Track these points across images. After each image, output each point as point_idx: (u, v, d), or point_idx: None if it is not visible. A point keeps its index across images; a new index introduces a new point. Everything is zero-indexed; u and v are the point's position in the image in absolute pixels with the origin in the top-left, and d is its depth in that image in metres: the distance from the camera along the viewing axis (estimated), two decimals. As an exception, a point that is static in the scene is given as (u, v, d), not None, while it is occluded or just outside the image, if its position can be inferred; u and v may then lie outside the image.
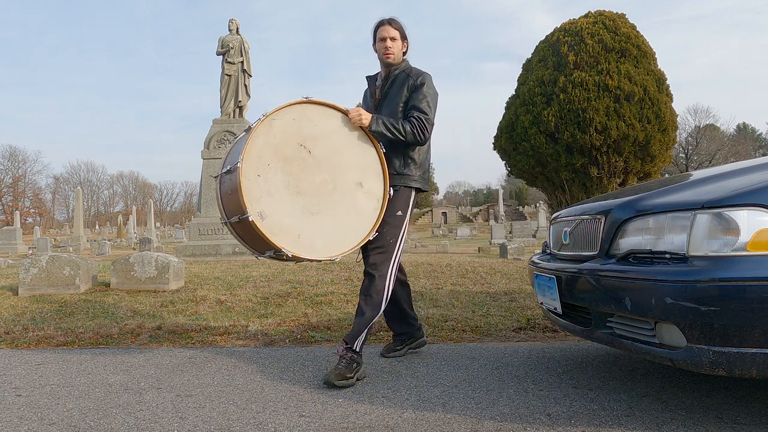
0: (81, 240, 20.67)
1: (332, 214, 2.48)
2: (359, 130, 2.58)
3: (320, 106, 2.53)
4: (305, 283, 5.60)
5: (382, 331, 3.53)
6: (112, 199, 72.19)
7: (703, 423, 1.84)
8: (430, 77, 2.70)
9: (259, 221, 2.32)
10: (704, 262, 1.62)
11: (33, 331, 3.74)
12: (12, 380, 2.61)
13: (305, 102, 2.48)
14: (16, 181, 60.07)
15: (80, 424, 2.00)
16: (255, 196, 2.33)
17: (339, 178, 2.51)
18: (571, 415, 1.97)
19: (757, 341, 1.54)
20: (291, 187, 2.42)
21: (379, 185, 2.60)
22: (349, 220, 2.51)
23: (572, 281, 2.09)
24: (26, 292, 5.29)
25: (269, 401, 2.21)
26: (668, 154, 10.02)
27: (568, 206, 3.13)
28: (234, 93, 10.89)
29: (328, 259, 2.47)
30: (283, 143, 2.42)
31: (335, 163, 2.52)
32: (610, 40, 9.69)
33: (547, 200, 11.17)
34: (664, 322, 1.69)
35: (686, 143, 40.92)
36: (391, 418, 1.99)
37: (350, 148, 2.56)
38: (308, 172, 2.45)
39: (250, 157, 2.35)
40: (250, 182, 2.33)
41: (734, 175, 1.88)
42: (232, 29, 11.11)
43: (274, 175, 2.39)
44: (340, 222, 2.49)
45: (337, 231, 2.49)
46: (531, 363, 2.74)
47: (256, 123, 2.41)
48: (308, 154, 2.46)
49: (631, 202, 1.97)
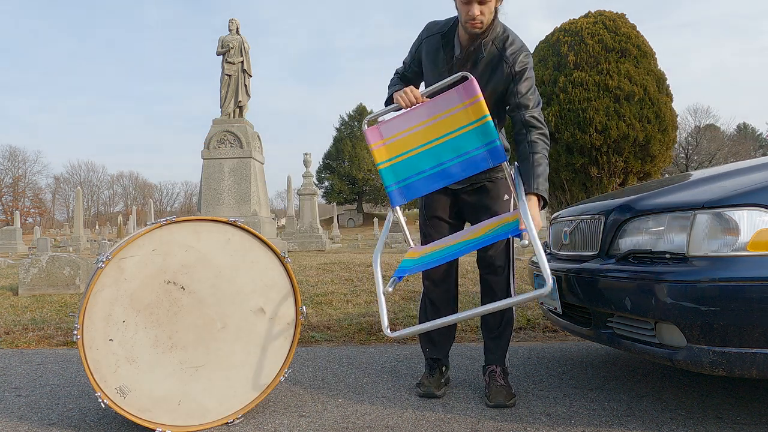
0: (81, 240, 20.65)
1: (225, 361, 1.97)
2: (252, 239, 2.05)
3: (192, 222, 1.98)
4: (305, 283, 5.60)
5: (382, 332, 3.53)
6: (112, 199, 72.19)
7: (703, 423, 1.84)
8: (529, 55, 2.09)
9: (120, 400, 1.83)
10: (704, 262, 1.62)
11: (33, 331, 3.74)
12: (12, 380, 2.61)
13: (169, 223, 1.94)
14: (16, 181, 60.07)
15: (80, 424, 2.00)
16: (109, 369, 1.83)
17: (230, 311, 1.99)
18: (571, 415, 1.97)
19: (757, 341, 1.54)
20: (161, 342, 1.89)
21: (288, 304, 2.09)
22: (249, 361, 2.02)
23: (572, 281, 2.09)
24: (26, 292, 5.29)
25: (269, 401, 2.21)
26: (668, 154, 10.02)
27: (568, 206, 3.14)
28: (234, 93, 10.89)
29: (225, 422, 1.96)
30: (143, 286, 1.89)
31: (223, 292, 1.99)
32: (610, 40, 9.70)
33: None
34: (664, 322, 1.69)
35: (686, 143, 40.91)
36: (391, 418, 1.99)
37: (242, 267, 2.02)
38: (184, 315, 1.93)
39: (92, 320, 1.82)
40: (97, 353, 1.82)
41: (734, 175, 1.88)
42: (232, 29, 11.11)
43: (133, 334, 1.86)
44: (236, 368, 1.99)
45: (235, 380, 1.99)
46: (531, 363, 2.74)
47: (96, 271, 1.85)
48: (181, 291, 1.93)
49: (631, 202, 1.97)
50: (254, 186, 10.36)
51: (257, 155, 10.69)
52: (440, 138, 2.09)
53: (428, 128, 2.11)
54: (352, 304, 4.48)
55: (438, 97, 2.10)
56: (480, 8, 1.96)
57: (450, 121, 2.08)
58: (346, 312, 4.19)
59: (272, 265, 2.09)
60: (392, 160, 2.16)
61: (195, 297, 1.96)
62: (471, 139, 2.05)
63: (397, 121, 2.16)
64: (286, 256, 2.11)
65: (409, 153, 2.13)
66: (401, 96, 2.11)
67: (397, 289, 5.07)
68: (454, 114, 2.06)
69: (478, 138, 2.04)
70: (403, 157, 2.14)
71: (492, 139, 2.02)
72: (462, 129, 2.06)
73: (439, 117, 2.09)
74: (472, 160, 2.05)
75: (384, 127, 2.18)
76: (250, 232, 2.06)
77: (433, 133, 2.10)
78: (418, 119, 2.12)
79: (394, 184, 2.16)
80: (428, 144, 2.11)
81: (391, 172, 2.16)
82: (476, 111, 2.03)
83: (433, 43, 2.18)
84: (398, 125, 2.15)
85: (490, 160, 2.04)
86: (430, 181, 2.11)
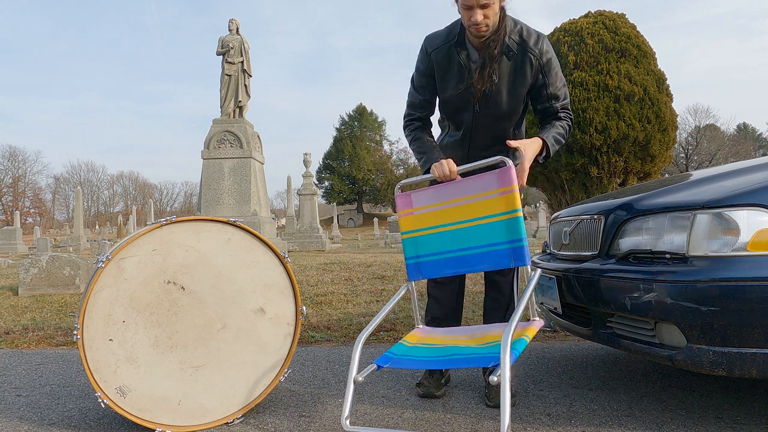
0: (81, 240, 20.66)
1: (225, 361, 1.98)
2: (253, 239, 2.05)
3: (192, 223, 1.99)
4: (305, 283, 5.60)
5: (381, 332, 3.53)
6: (112, 199, 72.17)
7: (703, 423, 1.84)
8: (549, 44, 2.06)
9: (120, 400, 1.84)
10: (704, 262, 1.62)
11: (33, 331, 3.74)
12: (12, 380, 2.61)
13: (169, 223, 1.95)
14: (16, 181, 60.08)
15: (80, 424, 2.00)
16: (109, 369, 1.83)
17: (230, 311, 2.00)
18: (571, 415, 1.97)
19: (757, 341, 1.54)
20: (161, 342, 1.90)
21: (288, 304, 2.09)
22: (249, 361, 2.02)
23: (572, 281, 2.09)
24: (26, 292, 5.29)
25: (269, 401, 2.21)
26: (668, 154, 10.02)
27: (568, 206, 3.13)
28: (234, 93, 10.90)
29: (225, 422, 1.96)
30: (143, 286, 1.89)
31: (223, 292, 1.99)
32: (610, 40, 9.70)
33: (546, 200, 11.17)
34: (664, 322, 1.69)
35: (686, 143, 40.91)
36: (391, 418, 1.99)
37: (242, 267, 2.03)
38: (184, 315, 1.93)
39: (92, 320, 1.82)
40: (97, 353, 1.82)
41: (734, 175, 1.88)
42: (232, 29, 11.11)
43: (133, 334, 1.87)
44: (236, 368, 2.00)
45: (235, 380, 1.99)
46: (531, 363, 2.74)
47: (96, 271, 1.85)
48: (181, 291, 1.94)
49: (631, 202, 1.97)
50: (254, 186, 10.36)
51: (257, 155, 10.69)
52: (468, 221, 2.02)
53: (458, 208, 2.04)
54: (352, 304, 4.48)
55: (474, 177, 2.03)
56: (482, 12, 1.91)
57: (481, 206, 2.00)
58: (346, 312, 4.19)
59: (272, 265, 2.09)
60: (417, 232, 2.13)
61: (195, 297, 1.96)
62: (498, 231, 1.96)
63: (429, 192, 2.11)
64: (286, 256, 2.11)
65: (435, 229, 2.09)
66: (437, 168, 2.05)
67: (398, 289, 5.07)
68: (487, 199, 1.99)
69: (505, 231, 1.95)
70: (427, 232, 2.10)
71: (519, 237, 1.92)
72: (491, 218, 1.98)
73: (472, 199, 2.02)
74: (494, 254, 1.97)
75: (415, 195, 2.14)
76: (250, 232, 2.06)
77: (462, 214, 2.03)
78: (450, 196, 2.06)
79: (414, 258, 2.13)
80: (455, 225, 2.05)
81: (413, 244, 2.13)
82: (509, 202, 1.94)
83: (444, 54, 2.10)
84: (429, 197, 2.11)
85: (512, 259, 1.93)
86: (447, 265, 2.06)
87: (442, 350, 1.87)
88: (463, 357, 1.74)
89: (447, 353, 1.82)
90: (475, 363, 1.67)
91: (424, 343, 1.97)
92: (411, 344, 1.99)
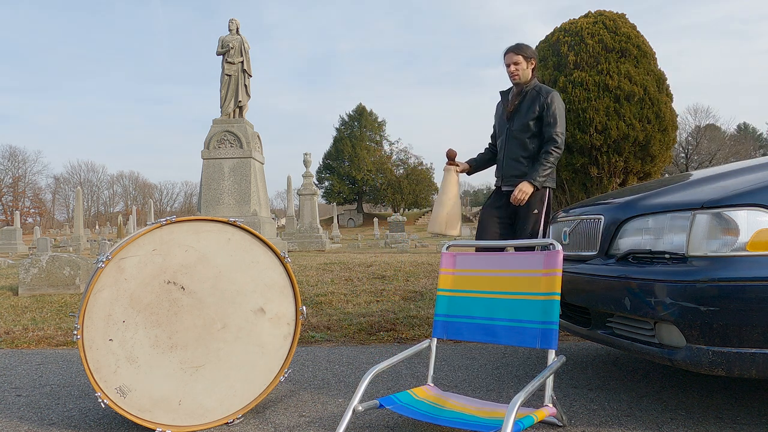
0: (81, 240, 20.66)
1: (225, 361, 1.97)
2: (252, 240, 2.07)
3: (192, 223, 1.99)
4: (305, 283, 5.60)
5: (382, 332, 3.53)
6: (112, 199, 72.16)
7: (703, 423, 1.84)
8: (557, 94, 3.15)
9: (120, 400, 1.83)
10: (704, 262, 1.62)
11: (33, 331, 3.74)
12: (12, 380, 2.62)
13: (169, 223, 1.95)
14: (16, 181, 60.08)
15: (80, 424, 2.00)
16: (109, 369, 1.83)
17: (230, 311, 1.99)
18: (571, 415, 1.97)
19: (756, 341, 1.54)
20: (161, 342, 1.89)
21: (288, 304, 2.09)
22: (249, 361, 2.02)
23: (572, 281, 2.09)
24: (26, 292, 5.29)
25: (269, 401, 2.21)
26: (668, 154, 10.01)
27: (568, 206, 3.14)
28: (234, 93, 10.89)
29: (225, 422, 1.96)
30: (143, 286, 1.89)
31: (223, 292, 1.99)
32: (610, 40, 9.69)
33: (547, 200, 11.12)
34: (663, 322, 1.69)
35: (686, 143, 40.90)
36: (391, 418, 1.99)
37: (242, 267, 2.03)
38: (184, 315, 1.93)
39: (92, 320, 1.81)
40: (98, 353, 1.81)
41: (734, 175, 1.88)
42: (232, 29, 11.11)
43: (133, 334, 1.86)
44: (236, 368, 1.99)
45: (235, 380, 1.99)
46: (531, 363, 2.74)
47: (96, 271, 1.85)
48: (181, 291, 1.93)
49: (630, 202, 1.97)
50: (254, 186, 10.36)
51: (257, 155, 10.69)
52: (506, 294, 2.04)
53: (500, 278, 2.08)
54: (352, 304, 4.48)
55: (521, 253, 2.09)
56: (514, 67, 3.13)
57: (522, 282, 2.02)
58: (346, 312, 4.19)
59: (272, 265, 2.09)
60: (453, 292, 2.17)
61: (195, 297, 1.95)
62: (533, 310, 1.96)
63: (475, 258, 2.18)
64: (286, 256, 2.11)
65: (471, 293, 2.13)
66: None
67: (398, 289, 5.07)
68: (530, 277, 2.00)
69: (539, 312, 1.94)
70: (463, 294, 2.14)
71: (552, 320, 1.90)
72: (530, 295, 1.98)
73: (515, 273, 2.05)
74: (522, 331, 1.96)
75: (460, 257, 2.20)
76: (250, 232, 2.06)
77: (502, 285, 2.06)
78: (494, 265, 2.11)
79: (444, 316, 2.16)
80: (492, 294, 2.08)
81: (446, 302, 2.17)
82: (550, 285, 1.94)
83: (500, 99, 3.35)
84: (473, 262, 2.17)
85: (540, 341, 1.91)
86: (474, 330, 2.07)
87: (447, 413, 1.87)
88: (464, 422, 1.76)
89: (451, 416, 1.83)
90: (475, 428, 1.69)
91: (432, 402, 1.97)
92: (418, 398, 1.99)
